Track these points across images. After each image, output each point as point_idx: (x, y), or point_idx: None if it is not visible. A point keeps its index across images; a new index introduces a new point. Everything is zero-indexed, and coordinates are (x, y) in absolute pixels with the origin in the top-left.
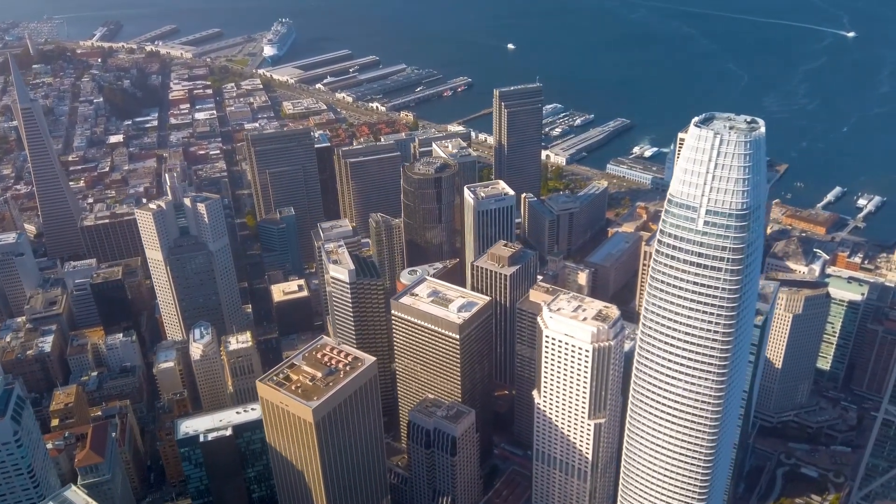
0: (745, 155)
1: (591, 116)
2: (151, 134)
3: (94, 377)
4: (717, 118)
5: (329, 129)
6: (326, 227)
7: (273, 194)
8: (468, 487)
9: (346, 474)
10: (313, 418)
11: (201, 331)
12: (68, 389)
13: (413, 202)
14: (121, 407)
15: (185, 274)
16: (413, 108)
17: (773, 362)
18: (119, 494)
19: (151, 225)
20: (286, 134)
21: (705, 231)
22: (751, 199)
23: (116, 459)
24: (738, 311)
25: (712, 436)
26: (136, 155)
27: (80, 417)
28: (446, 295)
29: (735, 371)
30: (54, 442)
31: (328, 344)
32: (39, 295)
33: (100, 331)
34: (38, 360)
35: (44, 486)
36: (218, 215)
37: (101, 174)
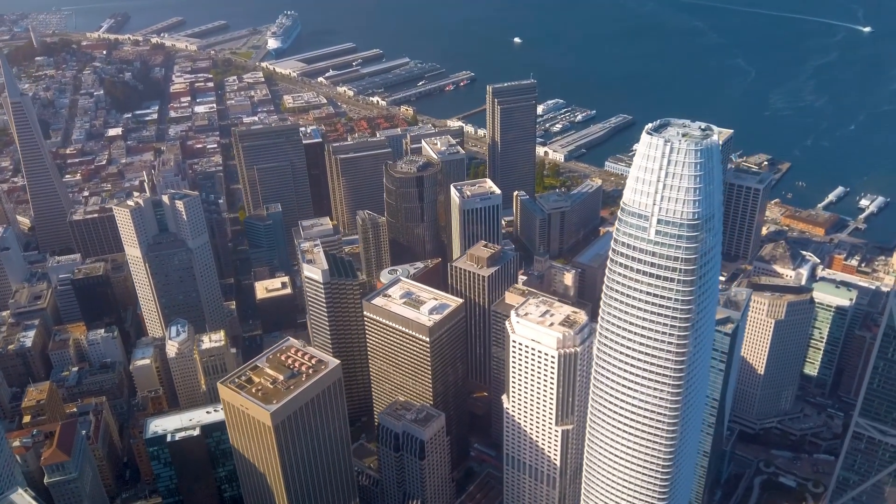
0: (696, 164)
1: (592, 112)
2: (150, 127)
3: (75, 373)
4: (671, 124)
5: (327, 123)
6: (307, 226)
7: (261, 190)
8: (439, 491)
9: (309, 477)
10: (272, 422)
11: (178, 328)
12: (41, 386)
13: (395, 201)
14: (96, 404)
15: (164, 271)
16: (414, 102)
17: (756, 368)
18: (88, 493)
19: (129, 222)
20: (274, 130)
21: (657, 241)
22: (703, 208)
23: (86, 457)
24: (692, 321)
25: (670, 445)
26: (133, 148)
27: (53, 414)
28: (419, 296)
29: (694, 381)
30: (22, 439)
31: (293, 346)
32: (25, 289)
33: (82, 326)
34: (20, 355)
35: (4, 484)
36: (197, 213)
37: (98, 167)
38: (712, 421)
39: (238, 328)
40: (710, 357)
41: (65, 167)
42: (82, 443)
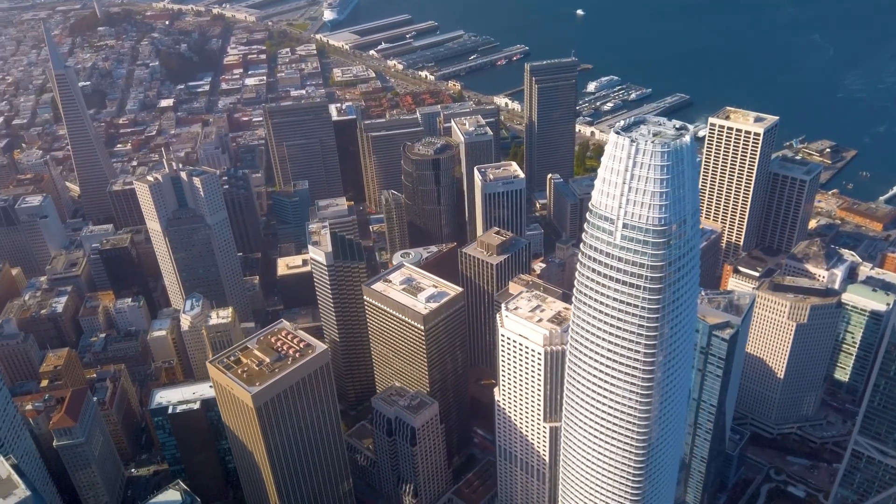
0: (663, 166)
1: (647, 91)
2: (201, 99)
3: (102, 339)
4: (647, 122)
5: (372, 98)
6: (323, 205)
7: (290, 167)
8: (433, 477)
9: (296, 459)
10: (253, 403)
11: (192, 302)
12: (60, 352)
13: (412, 183)
14: (115, 371)
15: (183, 245)
16: (463, 77)
17: (775, 371)
18: (96, 457)
19: (149, 197)
20: (303, 107)
21: (623, 245)
22: (670, 213)
23: (96, 423)
24: (660, 329)
25: (640, 452)
26: (183, 119)
27: (71, 379)
28: (419, 283)
29: (668, 387)
30: (34, 403)
31: (285, 329)
32: (62, 256)
33: (111, 294)
34: (51, 320)
35: (9, 447)
36: (215, 190)
37: (148, 138)
38: (710, 426)
39: (260, 303)
40: (690, 363)
41: (117, 137)
42: (93, 409)
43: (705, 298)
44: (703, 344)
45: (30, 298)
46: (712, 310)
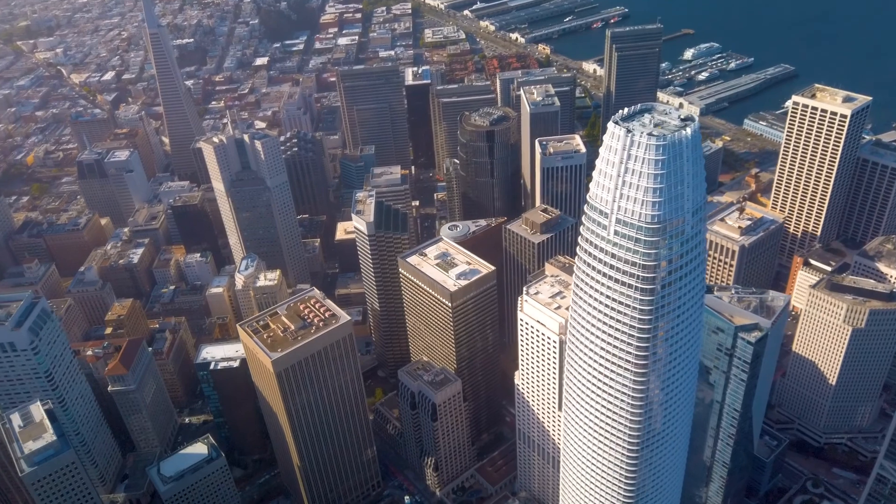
0: (657, 160)
1: (749, 60)
2: (294, 58)
3: (171, 291)
4: (652, 111)
5: (459, 60)
6: (378, 173)
7: (360, 131)
8: (454, 453)
9: (316, 423)
10: (273, 368)
11: (247, 262)
12: (125, 302)
13: (466, 154)
14: (175, 323)
15: (244, 206)
16: (555, 40)
17: (827, 377)
18: (147, 403)
19: (213, 158)
20: (375, 71)
21: (615, 241)
22: (664, 211)
23: (150, 372)
24: (653, 331)
25: (632, 453)
26: (275, 78)
27: (134, 329)
28: (454, 259)
29: (667, 389)
30: (94, 350)
31: (314, 297)
32: (144, 209)
33: (182, 248)
34: (128, 269)
35: (62, 389)
36: (275, 154)
37: (241, 95)
38: (732, 431)
39: (319, 265)
40: (695, 364)
41: (213, 94)
42: (147, 359)
43: (735, 297)
44: (727, 345)
45: (111, 248)
46: (740, 310)
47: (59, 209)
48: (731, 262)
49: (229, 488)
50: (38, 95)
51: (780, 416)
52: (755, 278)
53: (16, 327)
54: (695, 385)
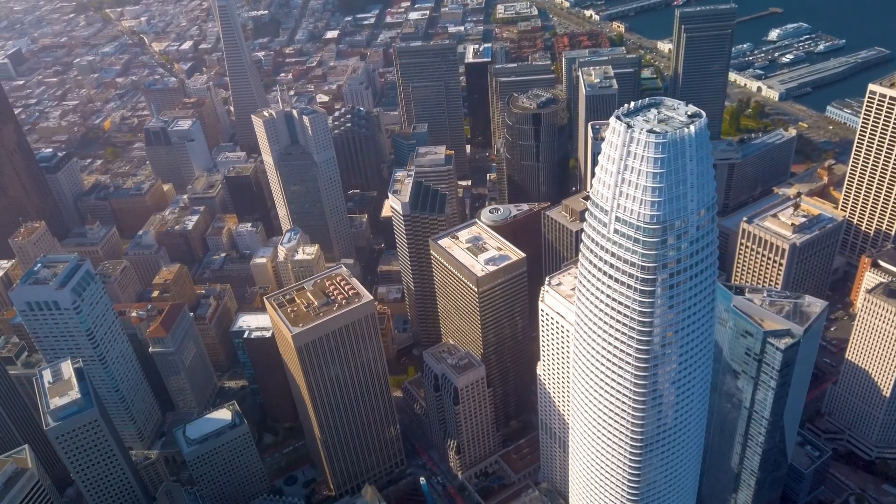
0: (656, 159)
1: (840, 42)
2: (365, 32)
3: (221, 258)
4: (660, 106)
5: (528, 38)
6: (422, 153)
7: (415, 109)
8: (477, 437)
9: (337, 399)
10: (294, 343)
11: (290, 235)
12: (172, 267)
13: (512, 137)
14: (220, 290)
15: (291, 180)
16: (631, 17)
17: (881, 388)
18: (187, 365)
19: (263, 131)
20: (431, 48)
21: (615, 240)
22: (664, 211)
23: (190, 335)
24: (654, 334)
25: (636, 460)
26: (343, 52)
27: (180, 293)
28: (485, 244)
29: (676, 394)
30: (138, 311)
31: (341, 275)
32: (203, 178)
33: (235, 218)
34: (182, 235)
35: (103, 347)
36: (323, 129)
37: (309, 68)
38: (761, 439)
39: (366, 240)
40: (706, 368)
41: (283, 65)
42: (187, 323)
43: (766, 300)
44: (756, 351)
45: (169, 214)
46: (772, 314)
47: (129, 173)
48: (780, 261)
49: (251, 454)
50: (120, 63)
51: (829, 425)
52: (808, 279)
53: (59, 287)
54: (707, 388)
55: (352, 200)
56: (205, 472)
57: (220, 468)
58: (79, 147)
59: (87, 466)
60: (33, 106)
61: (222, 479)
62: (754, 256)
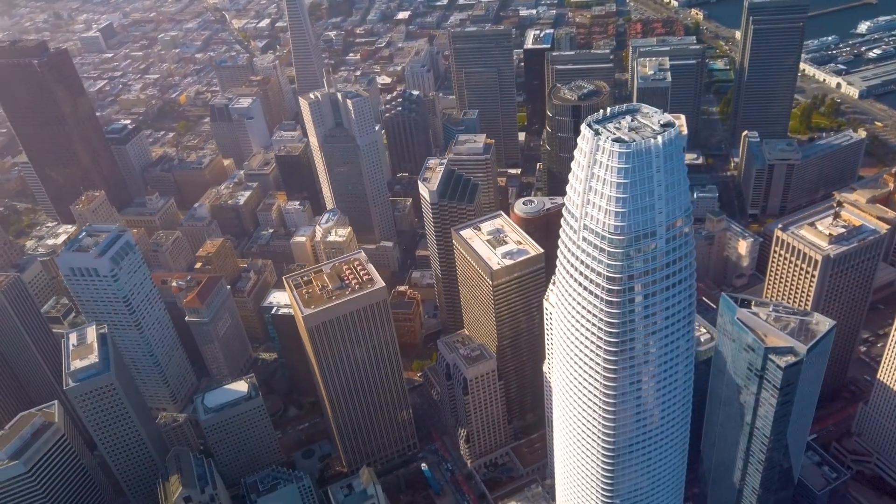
0: (621, 169)
1: None
2: (436, 13)
3: (269, 234)
4: (637, 112)
5: (600, 23)
6: (461, 140)
7: (467, 94)
8: (487, 428)
9: (348, 381)
10: (305, 324)
11: (329, 216)
12: (216, 241)
13: (552, 128)
14: (262, 265)
15: (335, 161)
16: (712, 4)
17: None
18: (220, 336)
19: (308, 113)
20: (486, 34)
21: (583, 248)
22: (628, 222)
23: (225, 307)
24: (622, 346)
25: (608, 469)
26: (412, 33)
27: (221, 266)
28: (506, 237)
29: (659, 410)
30: (178, 281)
31: (359, 260)
32: (260, 155)
33: (284, 195)
34: (234, 210)
35: (139, 314)
36: (366, 113)
37: (377, 49)
38: (762, 457)
39: (409, 224)
40: (684, 382)
41: (352, 46)
42: (223, 295)
43: (772, 314)
44: (757, 366)
45: (224, 188)
46: (776, 330)
47: (197, 147)
48: (812, 273)
49: (265, 426)
50: (201, 38)
51: (857, 446)
52: (843, 295)
53: (99, 255)
54: (686, 399)
55: (399, 184)
56: (219, 439)
57: (234, 437)
58: (155, 119)
59: (103, 426)
60: (118, 78)
61: (236, 447)
62: (788, 266)
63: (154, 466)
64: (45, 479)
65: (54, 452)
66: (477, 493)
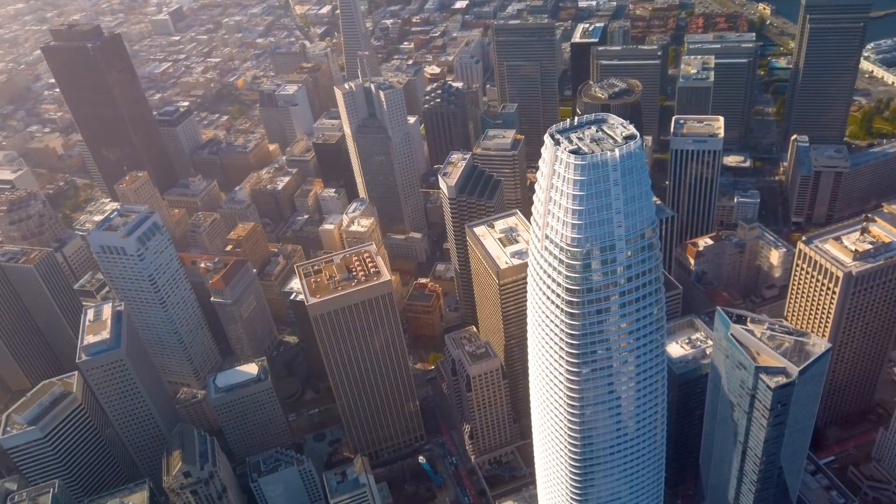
0: (576, 181)
1: None
2: (494, 2)
3: (304, 219)
4: (603, 123)
5: (660, 16)
6: (490, 135)
7: (508, 88)
8: (491, 426)
9: (354, 371)
10: (310, 312)
11: (357, 205)
12: (248, 225)
13: None
14: (291, 250)
15: (366, 151)
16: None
17: None
18: (244, 317)
19: (342, 103)
20: (529, 27)
21: (545, 257)
22: (585, 235)
23: (250, 290)
24: (585, 358)
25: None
26: (468, 23)
27: (251, 249)
28: (517, 236)
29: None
30: (206, 262)
31: (369, 252)
32: (302, 142)
33: (321, 182)
34: (272, 195)
35: (164, 292)
36: (398, 105)
37: (431, 38)
38: (754, 477)
39: (439, 216)
40: (656, 397)
41: (408, 34)
42: (248, 278)
43: (767, 332)
44: (749, 385)
45: (265, 173)
46: (769, 349)
47: (248, 131)
48: (833, 290)
49: (274, 409)
50: (264, 23)
51: (875, 472)
52: (868, 314)
53: (126, 235)
54: (658, 412)
55: (435, 175)
56: (229, 418)
57: (242, 417)
58: (212, 102)
59: (112, 400)
60: (181, 61)
61: (245, 426)
62: (809, 281)
63: (163, 441)
64: (59, 445)
65: (70, 421)
66: (478, 489)
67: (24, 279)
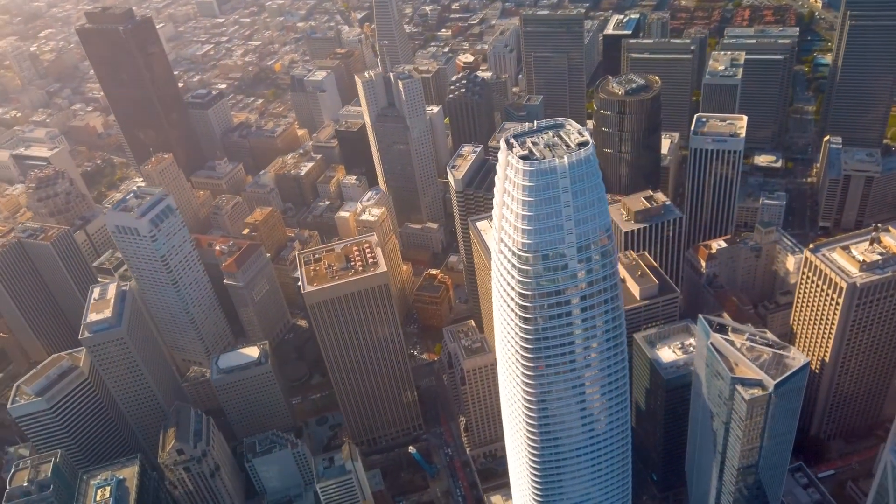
0: (525, 187)
1: None
2: None
3: (325, 205)
4: (561, 128)
5: (705, 7)
6: (507, 128)
7: (535, 79)
8: (485, 420)
9: (350, 360)
10: (306, 300)
11: (371, 194)
12: (265, 210)
13: (596, 122)
14: (308, 235)
15: (385, 140)
16: None
17: None
18: (256, 300)
19: (362, 91)
20: (557, 18)
21: (501, 262)
22: (534, 241)
23: (263, 273)
24: (535, 362)
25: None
26: (508, 10)
27: (268, 234)
28: None
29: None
30: (221, 245)
31: (369, 243)
32: (330, 128)
33: (343, 169)
34: (295, 180)
35: (176, 273)
36: (416, 95)
37: (469, 26)
38: (732, 488)
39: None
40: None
41: (446, 20)
42: (261, 262)
43: (747, 343)
44: (726, 395)
45: (290, 158)
46: (747, 360)
47: (281, 115)
48: (837, 301)
49: (274, 392)
50: (306, 7)
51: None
52: (874, 327)
53: (140, 217)
54: (619, 419)
55: None
56: (229, 399)
57: (242, 398)
58: (250, 85)
59: (113, 376)
60: (223, 43)
61: (245, 408)
62: (814, 291)
63: (164, 418)
64: (65, 416)
65: (76, 393)
66: (470, 481)
67: (43, 255)
